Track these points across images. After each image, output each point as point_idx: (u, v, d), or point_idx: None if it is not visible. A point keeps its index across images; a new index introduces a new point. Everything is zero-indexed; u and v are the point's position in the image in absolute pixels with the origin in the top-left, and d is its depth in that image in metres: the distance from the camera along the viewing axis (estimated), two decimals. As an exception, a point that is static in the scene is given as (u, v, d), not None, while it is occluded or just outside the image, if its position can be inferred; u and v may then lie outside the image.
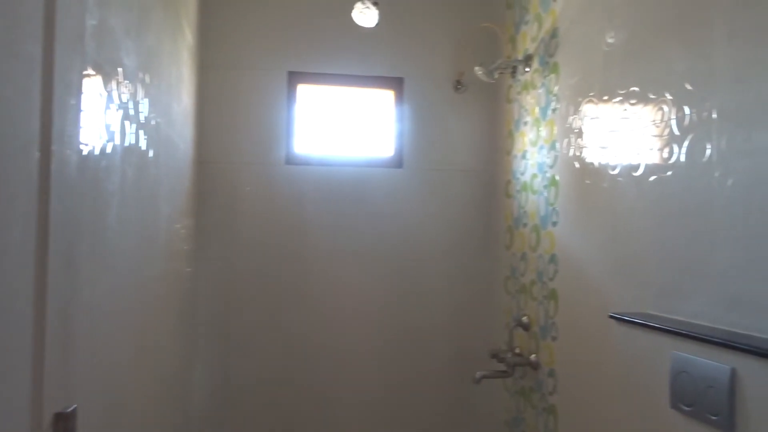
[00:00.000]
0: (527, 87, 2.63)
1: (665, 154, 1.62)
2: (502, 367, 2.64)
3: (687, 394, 1.38)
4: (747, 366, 1.22)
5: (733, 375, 1.25)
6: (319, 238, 2.92)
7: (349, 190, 2.95)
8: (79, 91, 1.00)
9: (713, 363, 1.31)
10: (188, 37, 2.38)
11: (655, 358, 1.52)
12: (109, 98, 1.24)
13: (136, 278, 1.54)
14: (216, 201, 2.85)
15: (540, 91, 2.48)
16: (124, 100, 1.37)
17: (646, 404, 1.57)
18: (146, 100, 1.58)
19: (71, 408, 0.70)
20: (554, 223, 2.33)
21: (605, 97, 1.95)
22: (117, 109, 1.31)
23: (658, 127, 1.66)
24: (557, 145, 2.30)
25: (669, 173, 1.60)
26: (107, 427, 1.23)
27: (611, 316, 1.72)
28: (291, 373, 2.88)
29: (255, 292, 2.87)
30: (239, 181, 2.87)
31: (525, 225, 2.63)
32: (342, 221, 2.94)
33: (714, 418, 1.29)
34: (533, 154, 2.55)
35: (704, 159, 1.46)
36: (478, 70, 2.67)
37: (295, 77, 2.95)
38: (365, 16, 2.66)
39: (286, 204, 2.90)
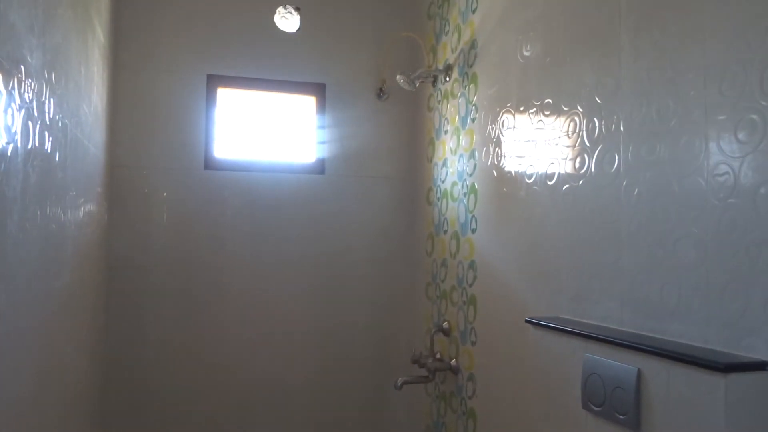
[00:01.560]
0: (447, 96, 2.68)
1: (577, 164, 1.69)
2: (423, 372, 2.67)
3: (597, 395, 1.44)
4: (651, 366, 1.28)
5: (639, 375, 1.31)
6: (239, 245, 2.86)
7: (270, 196, 2.91)
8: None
9: (621, 364, 1.36)
10: (100, 36, 2.28)
11: (569, 360, 1.58)
12: (10, 97, 1.17)
13: (40, 290, 1.45)
14: (130, 207, 2.73)
15: (460, 100, 2.53)
16: (28, 99, 1.29)
17: (560, 405, 1.63)
18: (52, 101, 1.50)
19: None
20: (473, 230, 2.37)
21: (521, 108, 2.01)
22: (19, 109, 1.23)
23: (570, 138, 1.72)
24: (476, 153, 2.35)
25: (581, 182, 1.67)
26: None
27: (527, 321, 1.77)
28: (208, 388, 2.80)
29: (170, 304, 2.77)
30: (155, 187, 2.77)
31: (445, 232, 2.67)
32: (263, 228, 2.89)
33: (622, 417, 1.35)
34: (453, 163, 2.60)
35: (612, 169, 1.53)
36: (400, 79, 2.69)
37: (214, 80, 2.88)
38: (287, 21, 2.63)
39: (204, 210, 2.82)
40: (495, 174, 2.19)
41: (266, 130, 2.99)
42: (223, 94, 2.91)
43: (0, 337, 1.09)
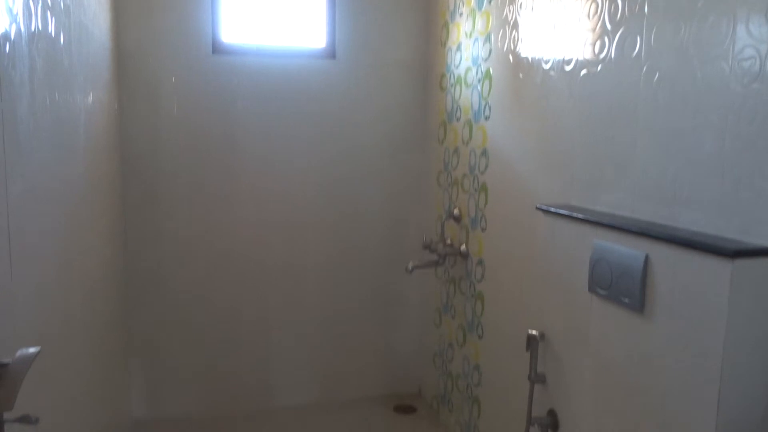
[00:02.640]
0: (463, -25, 2.55)
1: (596, 49, 1.63)
2: (433, 257, 2.74)
3: (604, 279, 1.47)
4: (659, 252, 1.30)
5: (647, 261, 1.33)
6: (250, 131, 2.85)
7: (280, 81, 2.85)
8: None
9: (629, 250, 1.39)
10: None
11: (577, 246, 1.60)
12: (8, -24, 1.12)
13: (56, 177, 1.47)
14: (139, 94, 2.70)
15: (476, -21, 2.41)
16: (26, -22, 1.24)
17: (566, 288, 1.67)
18: (52, -20, 1.44)
19: None
20: (487, 118, 2.34)
21: (541, -12, 1.91)
22: (18, -11, 1.18)
23: (590, 20, 1.65)
24: (492, 37, 2.27)
25: (599, 68, 1.62)
26: (33, 328, 1.21)
27: (538, 208, 1.79)
28: (223, 273, 2.89)
29: (185, 190, 2.80)
30: (163, 72, 2.72)
31: (458, 119, 2.63)
32: (273, 113, 2.86)
33: (626, 300, 1.39)
34: (468, 47, 2.51)
35: (633, 53, 1.48)
36: (414, -45, 2.55)
37: (218, -42, 2.75)
38: None
39: (214, 96, 2.79)
40: (511, 59, 2.13)
41: (275, 12, 2.88)
42: (229, -28, 2.78)
43: (21, 222, 1.12)
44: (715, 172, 1.24)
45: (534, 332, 1.82)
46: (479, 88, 2.40)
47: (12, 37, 1.12)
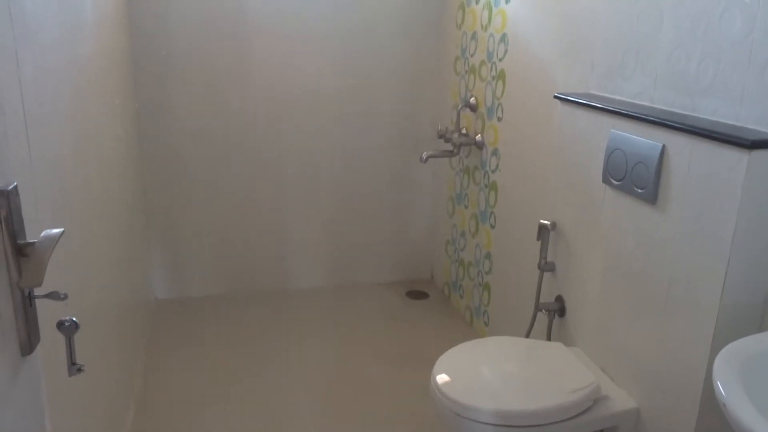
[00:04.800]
0: None
1: (628, -77, 1.52)
2: (448, 147, 2.72)
3: (618, 170, 1.47)
4: (676, 142, 1.28)
5: (663, 151, 1.32)
6: (262, 21, 2.75)
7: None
8: None
9: (646, 140, 1.37)
10: None
11: (594, 136, 1.58)
12: None
13: (66, 55, 1.44)
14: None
15: None
16: None
17: (580, 178, 1.67)
18: None
19: (12, 185, 0.69)
20: (507, 0, 2.24)
21: None
22: None
23: None
24: None
25: (629, -56, 1.52)
26: (52, 207, 1.24)
27: (556, 97, 1.75)
28: (237, 159, 2.90)
29: (196, 76, 2.75)
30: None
31: (477, 2, 2.52)
32: (286, 1, 2.75)
33: (640, 190, 1.39)
34: None
35: (667, -72, 1.38)
36: None
37: None
38: None
39: (223, -25, 2.67)
40: (536, -65, 2.00)
41: None
42: None
43: (34, 102, 1.11)
44: (741, 57, 1.19)
45: (546, 222, 1.84)
46: (501, -33, 2.28)
47: None
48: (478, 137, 2.52)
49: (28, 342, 0.73)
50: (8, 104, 0.91)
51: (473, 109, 2.57)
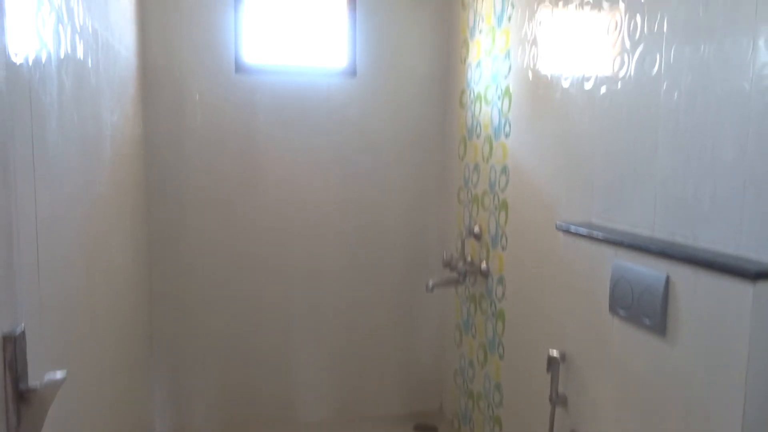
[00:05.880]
0: (483, -7, 2.56)
1: (616, 66, 1.62)
2: (453, 275, 2.73)
3: (625, 300, 1.46)
4: (680, 273, 1.28)
5: (668, 281, 1.32)
6: (272, 149, 2.88)
7: (301, 99, 2.89)
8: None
9: (650, 270, 1.37)
10: (124, -67, 2.21)
11: (598, 266, 1.59)
12: (40, 2, 1.16)
13: (83, 193, 1.50)
14: (163, 110, 2.76)
15: (496, -3, 2.42)
16: (57, 4, 1.28)
17: (587, 309, 1.66)
18: (81, 4, 1.49)
19: (19, 329, 0.69)
20: (507, 135, 2.34)
21: (560, 4, 1.92)
22: (49, 13, 1.23)
23: (610, 37, 1.65)
24: (512, 54, 2.28)
25: (619, 85, 1.61)
26: (59, 349, 1.23)
27: (558, 227, 1.78)
28: (244, 282, 2.92)
29: (207, 202, 2.84)
30: (187, 89, 2.77)
31: (478, 135, 2.64)
32: (294, 131, 2.89)
33: (648, 321, 1.38)
34: (488, 64, 2.52)
35: (653, 71, 1.47)
36: (434, -25, 2.57)
37: (242, -21, 2.80)
38: None
39: (236, 114, 2.83)
40: (530, 76, 2.13)
41: (296, 31, 2.92)
42: (252, -7, 2.84)
43: (48, 231, 1.14)
44: (736, 184, 1.22)
45: (554, 353, 1.80)
46: (499, 104, 2.40)
47: (43, 62, 1.16)
48: (483, 265, 2.54)
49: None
50: (24, 243, 0.94)
51: (478, 237, 2.60)
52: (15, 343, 0.66)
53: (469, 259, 2.68)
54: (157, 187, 2.77)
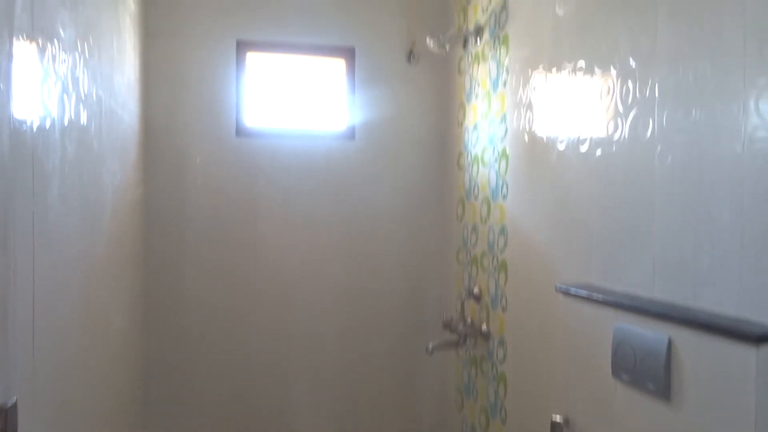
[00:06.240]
0: (478, 59, 2.63)
1: (610, 129, 1.65)
2: (454, 337, 2.70)
3: (627, 363, 1.44)
4: (682, 336, 1.27)
5: (670, 345, 1.30)
6: (272, 211, 2.90)
7: (301, 162, 2.92)
8: (9, 68, 0.96)
9: (651, 333, 1.36)
10: (130, 4, 2.29)
11: (599, 328, 1.57)
12: (46, 72, 1.19)
13: (81, 258, 1.50)
14: (164, 173, 2.79)
15: (491, 63, 2.49)
16: (62, 74, 1.31)
17: (589, 372, 1.63)
18: (86, 73, 1.53)
19: (12, 401, 0.68)
20: (504, 196, 2.36)
21: (554, 71, 1.97)
22: (55, 83, 1.26)
23: (603, 101, 1.69)
24: (508, 118, 2.32)
25: (613, 148, 1.64)
26: (52, 421, 1.21)
27: (558, 289, 1.77)
28: (242, 348, 2.88)
29: (206, 267, 2.83)
30: (188, 153, 2.81)
31: (476, 197, 2.66)
32: (294, 194, 2.92)
33: (651, 386, 1.35)
34: (484, 127, 2.57)
35: (647, 135, 1.50)
36: (430, 42, 2.65)
37: (244, 45, 2.89)
38: (315, -15, 2.61)
39: (237, 177, 2.86)
40: (526, 139, 2.16)
41: (296, 95, 2.99)
42: (253, 58, 2.91)
43: (47, 300, 1.14)
44: (733, 246, 1.23)
45: (558, 419, 1.76)
46: (496, 166, 2.43)
47: (47, 128, 1.18)
48: (484, 327, 2.51)
49: None
50: (20, 311, 0.93)
51: (477, 299, 2.59)
52: (6, 415, 0.65)
53: (469, 320, 2.66)
54: (155, 250, 2.77)
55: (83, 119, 1.50)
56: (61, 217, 1.30)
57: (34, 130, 1.11)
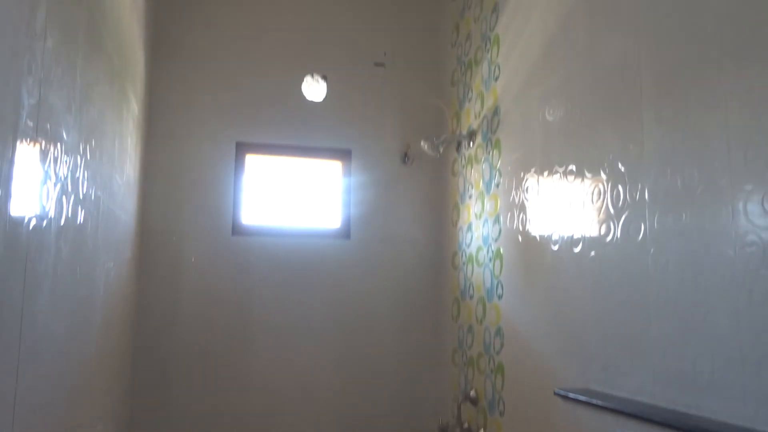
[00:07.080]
0: (471, 161, 2.70)
1: (603, 231, 1.67)
2: (450, 442, 2.60)
3: (631, 474, 1.38)
4: (687, 445, 1.23)
5: (674, 454, 1.26)
6: (266, 310, 2.86)
7: (295, 260, 2.92)
8: (10, 173, 0.97)
9: (655, 442, 1.31)
10: (134, 108, 2.37)
11: (600, 435, 1.52)
12: (47, 175, 1.21)
13: (68, 362, 1.46)
14: (159, 271, 2.77)
15: (484, 165, 2.55)
16: (63, 175, 1.34)
17: (592, 483, 1.56)
18: (86, 174, 1.55)
19: None
20: (500, 296, 2.35)
21: (545, 173, 2.02)
22: (54, 185, 1.27)
23: (595, 204, 1.72)
24: (501, 218, 2.35)
25: (607, 249, 1.65)
26: None
27: (557, 394, 1.73)
28: (232, 453, 2.76)
29: (197, 366, 2.76)
30: (184, 252, 2.81)
31: (471, 297, 2.64)
32: (288, 292, 2.89)
33: (658, 498, 1.29)
34: (478, 227, 2.59)
35: (639, 237, 1.51)
36: (424, 144, 2.73)
37: (243, 148, 2.96)
38: (314, 90, 2.72)
39: (232, 275, 2.85)
40: (520, 239, 2.18)
41: (293, 195, 3.03)
42: (252, 160, 2.98)
43: (27, 408, 1.09)
44: (733, 356, 1.21)
45: None
46: (491, 266, 2.44)
47: (42, 229, 1.19)
48: (481, 432, 2.42)
49: None
50: (-2, 420, 0.90)
51: (474, 402, 2.51)
52: None
53: (466, 425, 2.56)
54: (144, 350, 2.70)
55: (80, 219, 1.51)
56: (50, 321, 1.28)
57: (30, 230, 1.11)
